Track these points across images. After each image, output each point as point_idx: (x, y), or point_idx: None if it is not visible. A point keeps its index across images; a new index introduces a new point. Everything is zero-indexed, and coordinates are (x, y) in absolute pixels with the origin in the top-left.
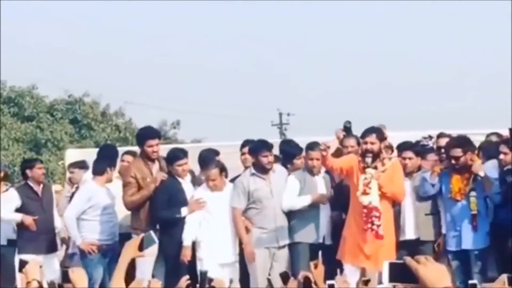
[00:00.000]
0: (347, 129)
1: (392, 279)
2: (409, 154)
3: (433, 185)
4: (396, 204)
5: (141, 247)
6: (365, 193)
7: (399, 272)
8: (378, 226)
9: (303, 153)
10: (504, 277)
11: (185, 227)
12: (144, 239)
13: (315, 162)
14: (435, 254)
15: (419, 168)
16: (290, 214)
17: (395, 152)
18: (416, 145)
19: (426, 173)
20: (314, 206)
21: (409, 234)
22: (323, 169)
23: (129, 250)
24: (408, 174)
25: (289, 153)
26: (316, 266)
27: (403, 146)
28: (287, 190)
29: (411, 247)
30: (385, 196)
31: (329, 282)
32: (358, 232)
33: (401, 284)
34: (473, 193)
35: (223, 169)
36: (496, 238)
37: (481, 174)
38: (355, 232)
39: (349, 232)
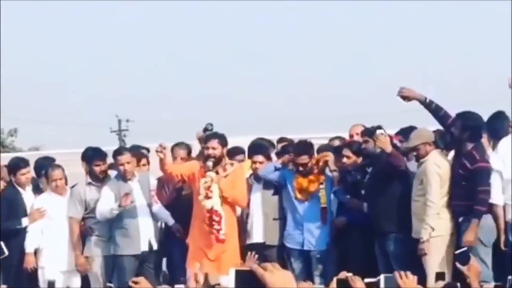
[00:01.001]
0: (207, 131)
1: (238, 286)
2: (259, 158)
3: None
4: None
5: None
6: (207, 197)
7: (246, 279)
8: (218, 230)
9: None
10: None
11: (27, 236)
12: None
13: (126, 167)
14: (279, 259)
15: None
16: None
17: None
18: (266, 148)
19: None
20: (132, 217)
21: (257, 237)
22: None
23: None
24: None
25: None
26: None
27: (253, 150)
28: (100, 201)
29: (257, 251)
30: (227, 201)
31: None
32: (200, 237)
33: None
34: (322, 186)
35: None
36: (337, 238)
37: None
38: (197, 236)
39: (192, 237)
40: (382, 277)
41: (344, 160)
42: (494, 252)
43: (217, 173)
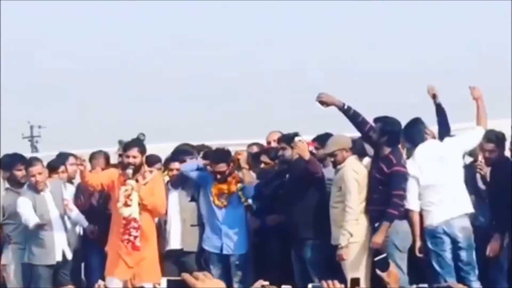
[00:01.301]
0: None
1: None
2: (176, 165)
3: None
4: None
5: None
6: (126, 204)
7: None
8: (135, 237)
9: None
10: None
11: None
12: None
13: (38, 178)
14: (198, 265)
15: None
16: None
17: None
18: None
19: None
20: (48, 228)
21: (174, 244)
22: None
23: None
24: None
25: None
26: None
27: (168, 158)
28: (21, 207)
29: (175, 258)
30: (146, 208)
31: None
32: (118, 245)
33: None
34: (240, 185)
35: None
36: (257, 244)
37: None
38: (116, 244)
39: (111, 244)
40: (310, 287)
41: (262, 165)
42: (410, 257)
43: (137, 181)
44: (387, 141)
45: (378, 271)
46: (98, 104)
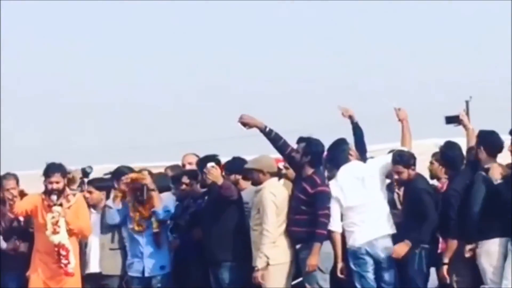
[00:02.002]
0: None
1: None
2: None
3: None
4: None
5: None
6: (55, 232)
7: None
8: (66, 264)
9: None
10: None
11: None
12: None
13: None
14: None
15: None
16: None
17: None
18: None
19: (109, 201)
20: None
21: (93, 267)
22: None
23: None
24: (93, 206)
25: None
26: None
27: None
28: None
29: (95, 281)
30: (73, 232)
31: None
32: (43, 269)
33: None
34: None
35: None
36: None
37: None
38: (39, 268)
39: (34, 268)
40: None
41: (183, 187)
42: (332, 278)
43: (61, 205)
44: (310, 162)
45: None
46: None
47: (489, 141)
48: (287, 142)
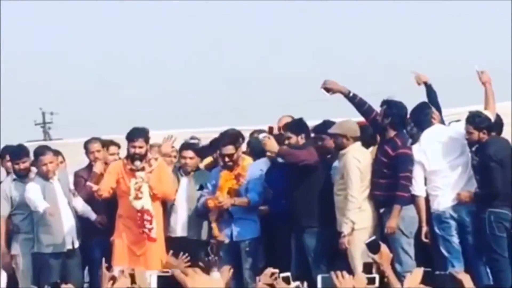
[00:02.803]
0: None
1: None
2: (189, 153)
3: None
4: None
5: None
6: (137, 197)
7: (168, 284)
8: (150, 229)
9: None
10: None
11: None
12: None
13: (49, 167)
14: (205, 254)
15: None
16: None
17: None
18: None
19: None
20: (55, 215)
21: (179, 232)
22: None
23: None
24: (187, 173)
25: None
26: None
27: (183, 146)
28: (30, 191)
29: (180, 246)
30: (156, 197)
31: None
32: (127, 234)
33: None
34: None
35: None
36: (268, 229)
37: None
38: (124, 234)
39: (118, 236)
40: (319, 278)
41: (268, 154)
42: (418, 244)
43: (143, 169)
44: (392, 123)
45: (369, 254)
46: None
47: None
48: (372, 106)
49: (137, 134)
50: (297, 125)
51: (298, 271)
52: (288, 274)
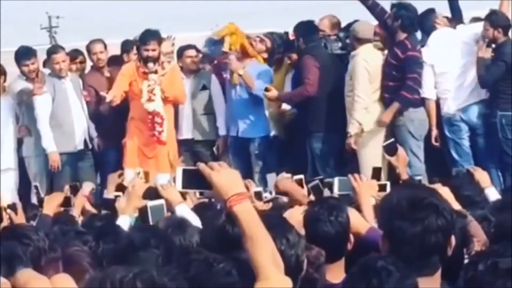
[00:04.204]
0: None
1: (185, 185)
2: (192, 52)
3: None
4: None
5: None
6: (150, 100)
7: (193, 177)
8: (160, 132)
9: None
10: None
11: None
12: None
13: (62, 65)
14: (212, 154)
15: None
16: None
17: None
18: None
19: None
20: (66, 114)
21: (186, 133)
22: None
23: None
24: (190, 74)
25: None
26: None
27: (184, 46)
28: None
29: (187, 147)
30: (168, 100)
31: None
32: (139, 138)
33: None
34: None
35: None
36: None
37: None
38: (135, 135)
39: (130, 138)
40: (336, 180)
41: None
42: (427, 145)
43: (156, 72)
44: (401, 26)
45: (386, 155)
46: None
47: None
48: (385, 9)
49: (150, 36)
50: (306, 28)
51: (314, 174)
52: (301, 176)
